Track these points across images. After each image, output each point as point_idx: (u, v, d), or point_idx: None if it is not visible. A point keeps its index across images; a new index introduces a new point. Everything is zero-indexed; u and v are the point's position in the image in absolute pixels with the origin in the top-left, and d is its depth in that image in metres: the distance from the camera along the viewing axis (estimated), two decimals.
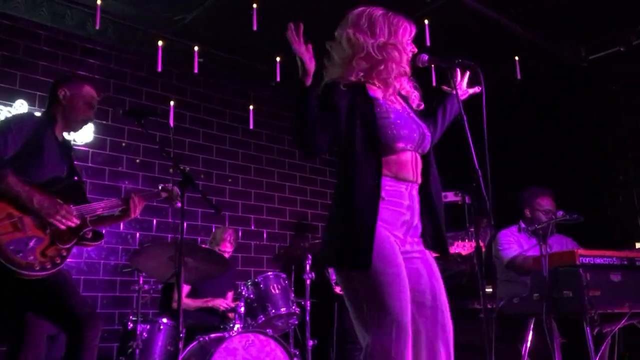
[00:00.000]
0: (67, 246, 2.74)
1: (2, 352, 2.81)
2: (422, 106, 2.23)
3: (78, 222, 2.76)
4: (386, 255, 1.91)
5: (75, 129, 3.06)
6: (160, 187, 3.28)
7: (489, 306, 2.00)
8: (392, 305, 1.85)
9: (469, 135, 2.07)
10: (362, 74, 2.10)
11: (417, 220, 2.07)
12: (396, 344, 1.82)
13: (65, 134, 3.04)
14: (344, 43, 2.09)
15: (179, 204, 3.27)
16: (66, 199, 2.79)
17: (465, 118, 2.13)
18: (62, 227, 2.69)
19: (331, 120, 1.97)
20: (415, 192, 2.07)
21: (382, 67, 2.08)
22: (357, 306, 1.92)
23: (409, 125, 2.06)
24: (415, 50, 2.17)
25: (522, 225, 4.16)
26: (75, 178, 2.97)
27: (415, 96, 2.21)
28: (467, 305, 4.75)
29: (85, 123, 3.03)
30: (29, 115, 3.29)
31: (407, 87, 2.20)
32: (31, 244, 2.61)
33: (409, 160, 2.05)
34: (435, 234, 2.12)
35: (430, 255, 2.10)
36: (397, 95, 2.16)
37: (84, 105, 2.95)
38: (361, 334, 1.92)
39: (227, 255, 4.54)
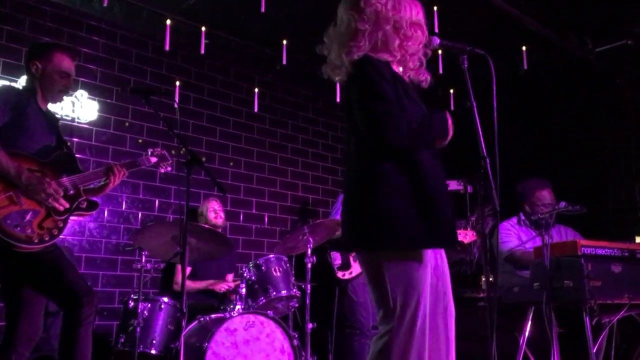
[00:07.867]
0: (63, 217, 2.75)
1: (2, 327, 2.82)
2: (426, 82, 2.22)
3: (67, 205, 2.74)
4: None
5: (55, 100, 3.01)
6: (149, 152, 3.22)
7: (492, 295, 2.03)
8: (423, 302, 1.88)
9: (478, 122, 2.07)
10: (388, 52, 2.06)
11: None
12: (419, 339, 1.85)
13: (50, 106, 3.02)
14: (367, 14, 2.04)
15: (169, 168, 3.25)
16: (58, 170, 2.79)
17: (474, 105, 2.13)
18: (50, 205, 2.68)
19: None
20: None
21: (410, 43, 2.06)
22: (386, 294, 1.91)
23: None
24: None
25: (522, 217, 4.15)
26: (65, 150, 2.93)
27: (424, 78, 2.21)
28: (465, 294, 4.78)
29: (64, 93, 2.97)
30: (11, 88, 3.23)
31: (415, 65, 2.19)
32: (27, 217, 2.62)
33: None
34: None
35: None
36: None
37: (58, 76, 2.90)
38: (383, 321, 1.93)
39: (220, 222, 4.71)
